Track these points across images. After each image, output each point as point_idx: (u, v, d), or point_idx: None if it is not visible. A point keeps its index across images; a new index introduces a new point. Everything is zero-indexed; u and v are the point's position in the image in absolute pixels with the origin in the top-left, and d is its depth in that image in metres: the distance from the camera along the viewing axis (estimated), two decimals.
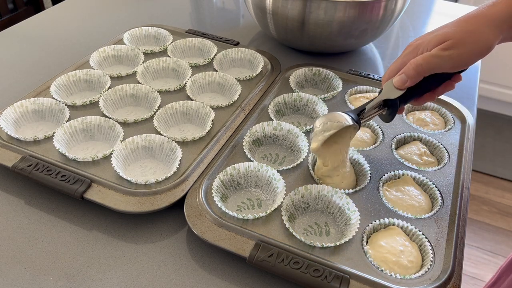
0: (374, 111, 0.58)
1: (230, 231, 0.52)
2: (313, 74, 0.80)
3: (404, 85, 0.54)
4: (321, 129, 0.54)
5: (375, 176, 0.60)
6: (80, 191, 0.54)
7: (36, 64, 0.85)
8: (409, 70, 0.53)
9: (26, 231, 0.54)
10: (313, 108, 0.72)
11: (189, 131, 0.68)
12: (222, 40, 0.89)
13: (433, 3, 1.21)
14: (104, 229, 0.55)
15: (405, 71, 0.54)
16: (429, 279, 0.48)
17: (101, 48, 0.81)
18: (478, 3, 1.89)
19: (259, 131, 0.66)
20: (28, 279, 0.49)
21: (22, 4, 2.08)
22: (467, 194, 0.59)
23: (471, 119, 0.71)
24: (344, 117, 0.55)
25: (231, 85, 0.76)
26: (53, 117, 0.68)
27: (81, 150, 0.63)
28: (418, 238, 0.52)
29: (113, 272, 0.50)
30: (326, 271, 0.47)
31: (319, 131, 0.54)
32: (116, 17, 1.04)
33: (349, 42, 0.86)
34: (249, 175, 0.59)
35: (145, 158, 0.63)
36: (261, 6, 0.84)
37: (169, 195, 0.55)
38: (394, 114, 0.58)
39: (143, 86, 0.72)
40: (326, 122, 0.54)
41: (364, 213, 0.55)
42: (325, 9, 0.77)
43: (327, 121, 0.54)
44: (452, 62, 0.52)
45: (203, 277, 0.50)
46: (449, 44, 0.51)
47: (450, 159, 0.64)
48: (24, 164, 0.58)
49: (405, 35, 1.04)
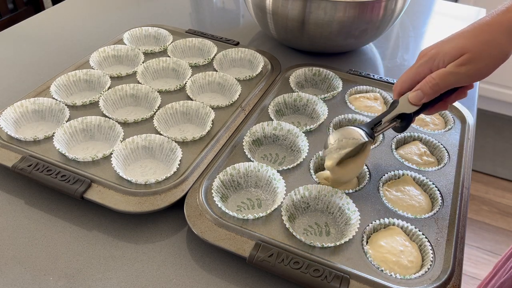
0: (388, 124, 0.57)
1: (230, 231, 0.52)
2: (313, 74, 0.80)
3: (420, 101, 0.54)
4: (336, 147, 0.53)
5: (375, 176, 0.60)
6: (80, 191, 0.54)
7: (36, 64, 0.85)
8: (426, 88, 0.53)
9: (26, 231, 0.54)
10: (313, 108, 0.72)
11: (189, 131, 0.68)
12: (222, 40, 0.89)
13: (433, 3, 1.21)
14: (104, 229, 0.55)
15: (422, 88, 0.53)
16: (429, 279, 0.48)
17: (101, 48, 0.81)
18: (478, 3, 1.90)
19: (259, 131, 0.66)
20: (28, 279, 0.49)
21: (22, 4, 2.08)
22: (467, 194, 0.59)
23: (471, 119, 0.71)
24: (359, 132, 0.54)
25: (231, 85, 0.76)
26: (53, 117, 0.68)
27: (81, 150, 0.63)
28: (418, 238, 0.52)
29: (113, 272, 0.50)
30: (326, 271, 0.47)
31: (334, 149, 0.53)
32: (116, 17, 1.04)
33: (349, 42, 0.86)
34: (249, 175, 0.59)
35: (145, 158, 0.63)
36: (261, 6, 0.84)
37: (169, 195, 0.55)
38: (408, 127, 0.58)
39: (143, 86, 0.72)
40: (341, 139, 0.53)
41: (364, 213, 0.55)
42: (325, 9, 0.77)
43: (342, 138, 0.53)
44: (470, 78, 0.51)
45: (203, 277, 0.50)
46: (466, 59, 0.50)
47: (450, 159, 0.64)
48: (24, 164, 0.58)
49: (405, 35, 1.04)
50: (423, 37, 1.04)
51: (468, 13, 1.16)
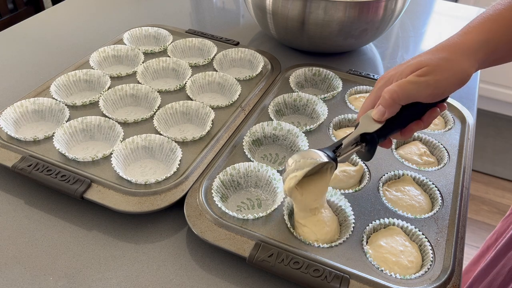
0: (351, 148, 0.52)
1: (230, 231, 0.52)
2: (313, 74, 0.80)
3: (383, 116, 0.49)
4: (293, 168, 0.49)
5: (375, 176, 0.60)
6: (80, 191, 0.54)
7: (36, 64, 0.85)
8: (385, 99, 0.49)
9: (26, 231, 0.54)
10: (313, 108, 0.72)
11: (189, 131, 0.68)
12: (222, 40, 0.89)
13: (433, 3, 1.21)
14: (104, 229, 0.55)
15: (381, 101, 0.49)
16: (429, 279, 0.48)
17: (101, 48, 0.81)
18: (478, 3, 1.90)
19: (259, 131, 0.66)
20: (28, 279, 0.49)
21: (22, 4, 2.08)
22: (467, 194, 0.59)
23: (471, 119, 0.71)
24: (318, 154, 0.49)
25: (231, 85, 0.76)
26: (53, 117, 0.68)
27: (81, 150, 0.63)
28: (418, 238, 0.52)
29: (113, 272, 0.50)
30: (326, 271, 0.47)
31: (291, 170, 0.49)
32: (116, 17, 1.04)
33: (349, 42, 0.86)
34: (249, 175, 0.59)
35: (145, 158, 0.63)
36: (261, 6, 0.84)
37: (169, 195, 0.55)
38: (374, 150, 0.52)
39: (143, 86, 0.72)
40: (299, 159, 0.49)
41: (364, 213, 0.55)
42: (325, 9, 0.77)
43: (300, 159, 0.49)
44: (430, 89, 0.48)
45: (203, 277, 0.50)
46: (425, 71, 0.48)
47: (450, 159, 0.64)
48: (24, 164, 0.58)
49: (405, 35, 1.04)
50: (423, 37, 1.04)
51: (468, 13, 1.16)
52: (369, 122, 0.51)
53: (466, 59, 0.49)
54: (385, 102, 0.49)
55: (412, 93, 0.48)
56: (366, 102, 0.53)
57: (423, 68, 0.48)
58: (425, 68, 0.48)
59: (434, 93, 0.49)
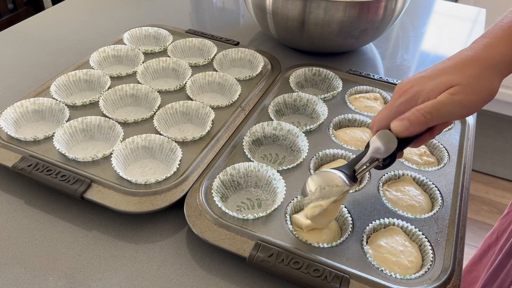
0: (369, 164, 0.51)
1: (230, 231, 0.52)
2: (313, 74, 0.80)
3: (406, 131, 0.49)
4: (318, 196, 0.48)
5: (375, 176, 0.60)
6: (80, 191, 0.54)
7: (36, 64, 0.85)
8: (416, 117, 0.47)
9: (26, 231, 0.54)
10: (313, 108, 0.72)
11: (189, 131, 0.68)
12: (222, 40, 0.89)
13: (433, 3, 1.21)
14: (104, 229, 0.55)
15: (410, 117, 0.48)
16: (429, 279, 0.48)
17: (101, 48, 0.81)
18: (478, 3, 1.90)
19: (259, 131, 0.66)
20: (28, 279, 0.49)
21: (22, 4, 2.08)
22: (467, 194, 0.59)
23: (471, 119, 0.71)
24: (342, 178, 0.49)
25: (231, 85, 0.76)
26: (53, 117, 0.68)
27: (81, 150, 0.63)
28: (418, 238, 0.52)
29: (113, 272, 0.50)
30: (326, 271, 0.47)
31: (315, 198, 0.48)
32: (116, 17, 1.04)
33: (349, 42, 0.86)
34: (249, 175, 0.59)
35: (145, 158, 0.63)
36: (261, 6, 0.84)
37: (169, 195, 0.55)
38: (391, 164, 0.52)
39: (143, 86, 0.72)
40: (324, 187, 0.48)
41: (364, 213, 0.55)
42: (325, 9, 0.77)
43: (325, 186, 0.48)
44: (464, 110, 0.47)
45: (203, 277, 0.50)
46: (458, 90, 0.46)
47: (450, 159, 0.64)
48: (24, 164, 0.58)
49: (405, 35, 1.04)
50: (423, 37, 1.04)
51: (468, 13, 1.16)
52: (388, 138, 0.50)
53: (496, 76, 0.48)
54: (416, 120, 0.48)
55: (445, 115, 0.48)
56: (384, 113, 0.51)
57: (454, 87, 0.47)
58: (457, 87, 0.47)
59: (467, 113, 0.48)
